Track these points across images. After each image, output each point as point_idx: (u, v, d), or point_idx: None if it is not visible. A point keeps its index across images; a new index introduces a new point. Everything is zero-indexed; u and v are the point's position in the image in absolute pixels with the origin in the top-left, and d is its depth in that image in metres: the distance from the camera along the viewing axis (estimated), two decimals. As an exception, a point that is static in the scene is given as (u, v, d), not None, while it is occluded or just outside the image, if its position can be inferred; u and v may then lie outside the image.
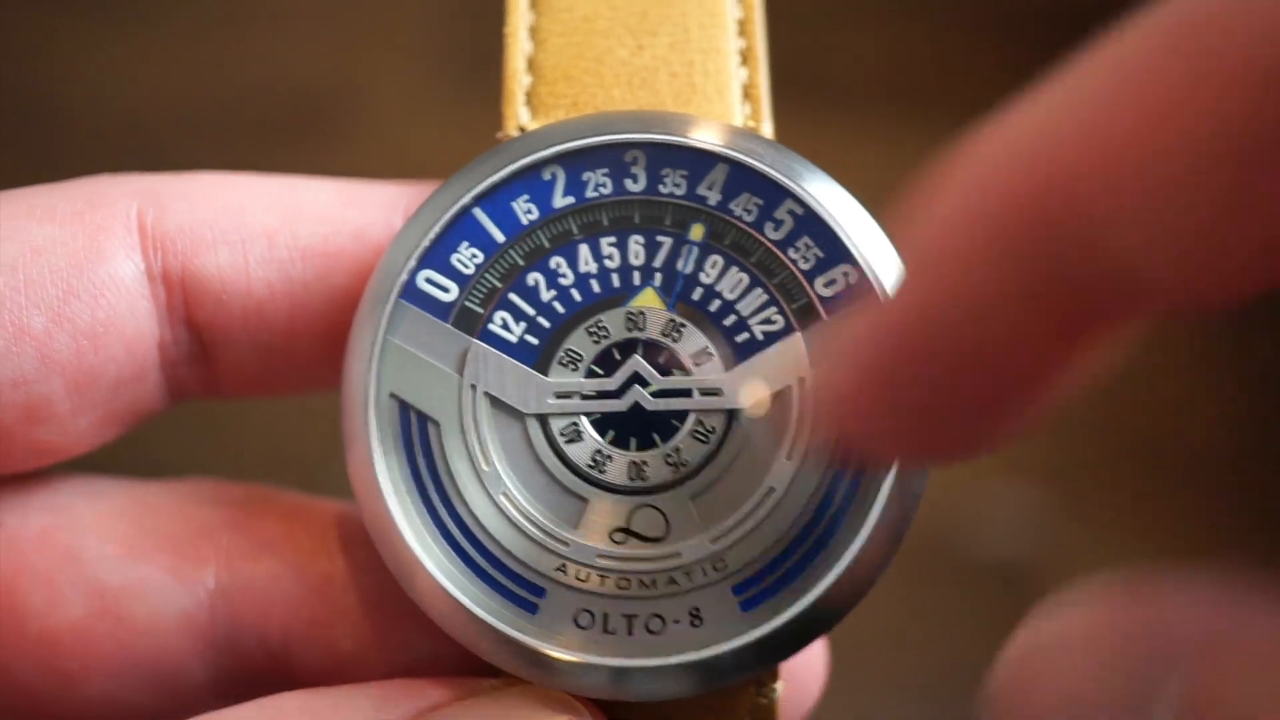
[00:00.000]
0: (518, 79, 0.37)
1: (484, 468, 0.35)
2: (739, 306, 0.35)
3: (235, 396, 0.39)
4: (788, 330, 0.35)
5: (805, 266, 0.35)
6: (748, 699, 0.36)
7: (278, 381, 0.38)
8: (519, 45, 0.37)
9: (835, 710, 0.42)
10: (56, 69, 0.94)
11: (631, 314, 0.35)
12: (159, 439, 0.41)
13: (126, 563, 0.36)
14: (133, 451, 0.41)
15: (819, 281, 0.35)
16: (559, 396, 0.35)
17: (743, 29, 0.37)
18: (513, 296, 0.35)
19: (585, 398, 0.35)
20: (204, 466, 0.41)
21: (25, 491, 0.37)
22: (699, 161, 0.35)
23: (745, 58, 0.37)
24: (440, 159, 0.38)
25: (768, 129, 0.37)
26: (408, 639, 0.36)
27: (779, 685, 0.36)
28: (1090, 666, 0.25)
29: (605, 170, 0.35)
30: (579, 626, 0.34)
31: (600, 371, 0.35)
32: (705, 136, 0.35)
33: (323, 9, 0.98)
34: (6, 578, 0.36)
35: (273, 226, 0.36)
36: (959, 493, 0.84)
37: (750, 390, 0.35)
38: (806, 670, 0.39)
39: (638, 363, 0.35)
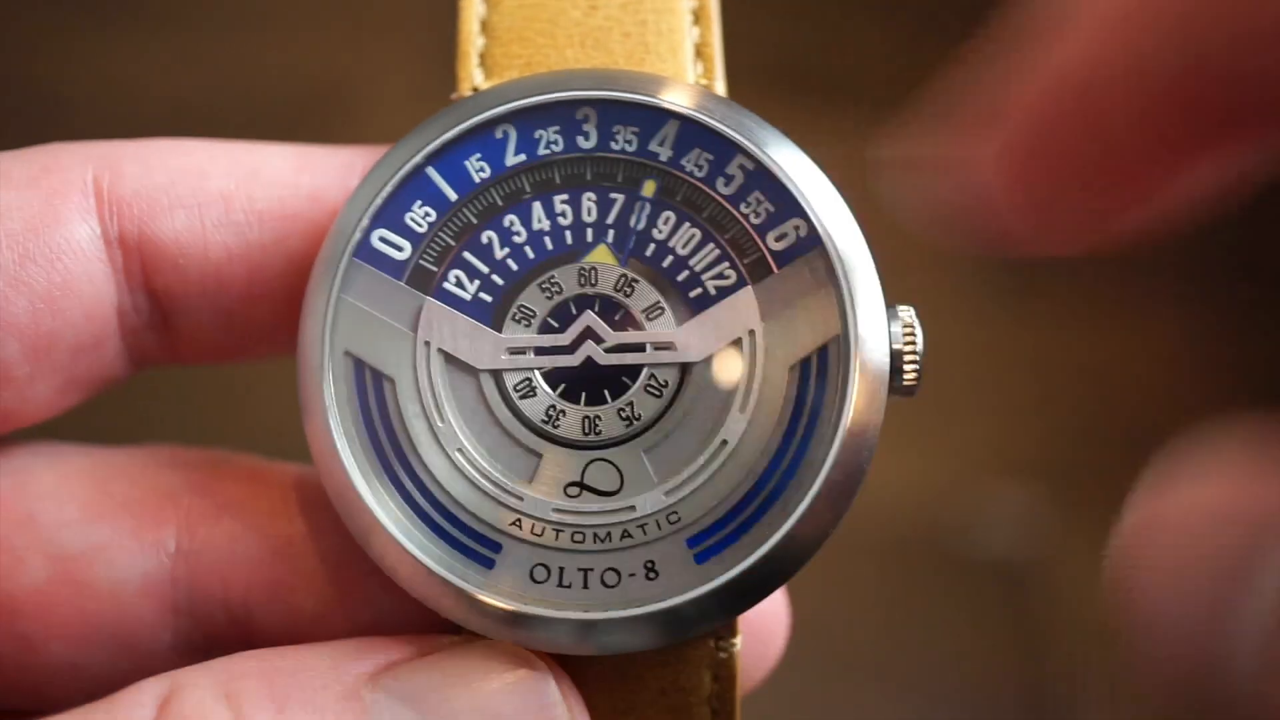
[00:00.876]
0: (471, 40, 0.37)
1: (439, 424, 0.35)
2: (691, 262, 0.35)
3: (195, 363, 0.39)
4: (740, 284, 0.35)
5: (756, 221, 0.35)
6: (706, 653, 0.36)
7: (237, 347, 0.38)
8: (473, 7, 0.37)
9: (834, 708, 0.41)
10: (57, 68, 0.95)
11: (584, 270, 0.35)
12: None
13: (86, 526, 0.36)
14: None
15: (770, 236, 0.35)
16: (512, 352, 0.35)
17: None
18: (467, 254, 0.35)
19: (538, 353, 0.35)
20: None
21: None
22: (650, 118, 0.35)
23: (698, 17, 0.37)
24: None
25: (720, 87, 0.37)
26: (369, 598, 0.36)
27: (738, 639, 0.36)
28: (1203, 539, 0.27)
29: (557, 128, 0.35)
30: (535, 581, 0.34)
31: (554, 327, 0.35)
32: (656, 93, 0.35)
33: (324, 8, 0.98)
34: None
35: (229, 190, 0.37)
36: (958, 493, 0.84)
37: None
38: (767, 625, 0.39)
39: (590, 318, 0.35)
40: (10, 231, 0.35)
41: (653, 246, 0.35)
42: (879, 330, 0.34)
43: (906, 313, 0.35)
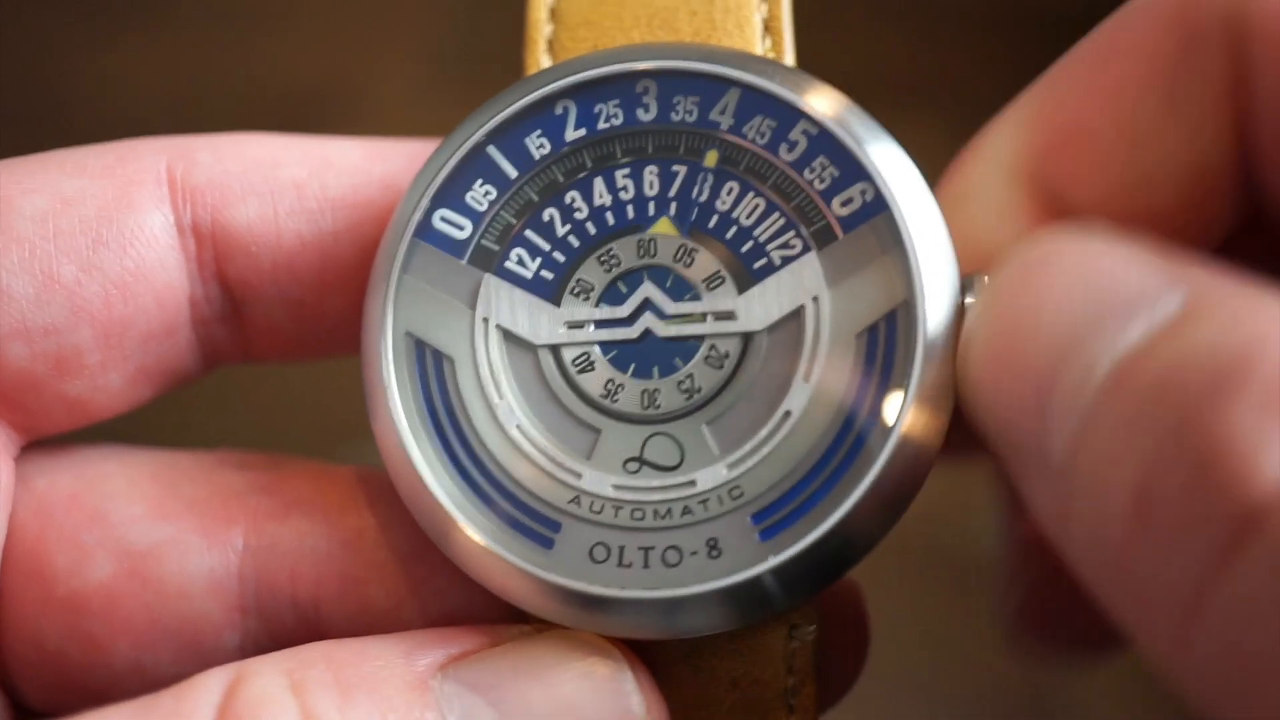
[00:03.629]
0: (539, 28, 0.37)
1: (496, 400, 0.34)
2: (756, 232, 0.34)
3: (269, 359, 0.39)
4: (804, 251, 0.34)
5: (821, 187, 0.34)
6: (780, 642, 0.34)
7: (310, 341, 0.38)
8: None
9: (833, 711, 0.41)
10: (58, 69, 0.95)
11: (643, 241, 0.34)
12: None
13: (154, 524, 0.36)
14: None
15: (835, 201, 0.33)
16: (570, 326, 0.34)
17: None
18: (528, 233, 0.35)
19: (597, 326, 0.34)
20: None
21: (57, 455, 0.37)
22: (710, 87, 0.34)
23: None
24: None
25: (789, 60, 0.36)
26: (441, 591, 0.36)
27: (813, 628, 0.34)
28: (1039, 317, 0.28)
29: (616, 101, 0.35)
30: (595, 560, 0.33)
31: (612, 299, 0.34)
32: (716, 62, 0.34)
33: (324, 9, 0.98)
34: (34, 539, 0.36)
35: (302, 179, 0.37)
36: (959, 493, 0.83)
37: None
38: (843, 611, 0.38)
39: (649, 289, 0.34)
40: (84, 217, 0.35)
41: (716, 218, 0.34)
42: (949, 297, 0.33)
43: (983, 281, 0.33)
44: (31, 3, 0.96)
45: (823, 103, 0.34)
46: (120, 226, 0.35)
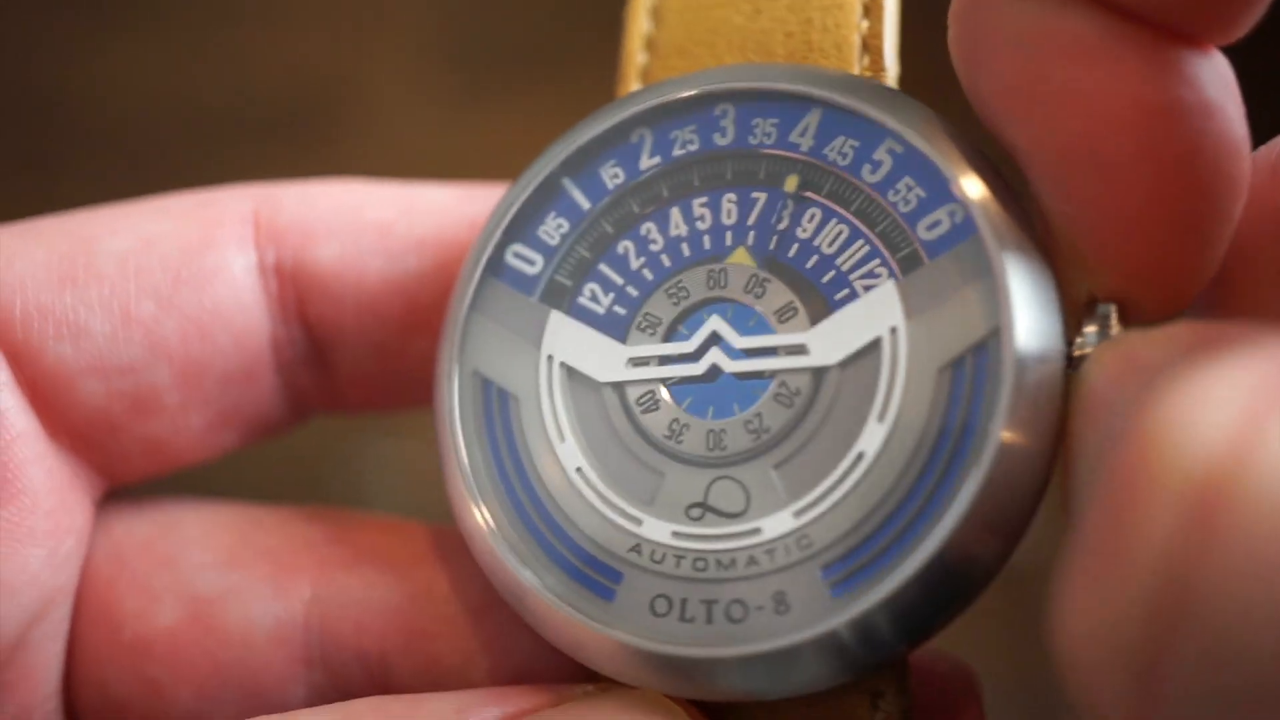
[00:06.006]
0: (633, 58, 0.35)
1: (558, 442, 0.32)
2: (838, 260, 0.31)
3: (359, 408, 0.38)
4: (886, 280, 0.31)
5: (906, 209, 0.31)
6: (862, 711, 0.31)
7: (398, 386, 0.37)
8: (638, 25, 0.35)
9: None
10: (56, 68, 0.95)
11: (713, 272, 0.32)
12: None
13: (223, 571, 0.35)
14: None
15: (921, 224, 0.30)
16: (635, 364, 0.32)
17: None
18: (603, 267, 0.33)
19: (662, 362, 0.32)
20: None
21: (137, 504, 0.37)
22: (790, 108, 0.32)
23: (869, 9, 0.34)
24: (440, 158, 0.37)
25: (890, 79, 0.33)
26: (511, 646, 0.34)
27: (902, 699, 0.31)
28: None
29: (692, 127, 0.33)
30: (656, 614, 0.30)
31: (679, 334, 0.32)
32: (795, 81, 0.32)
33: (323, 8, 0.98)
34: (106, 583, 0.35)
35: (386, 220, 0.36)
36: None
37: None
38: (948, 688, 0.35)
39: (716, 322, 0.32)
40: (165, 256, 0.35)
41: (796, 246, 0.32)
42: (1046, 327, 0.29)
43: (1104, 309, 0.30)
44: (31, 3, 0.97)
45: (909, 119, 0.31)
46: (200, 265, 0.35)
